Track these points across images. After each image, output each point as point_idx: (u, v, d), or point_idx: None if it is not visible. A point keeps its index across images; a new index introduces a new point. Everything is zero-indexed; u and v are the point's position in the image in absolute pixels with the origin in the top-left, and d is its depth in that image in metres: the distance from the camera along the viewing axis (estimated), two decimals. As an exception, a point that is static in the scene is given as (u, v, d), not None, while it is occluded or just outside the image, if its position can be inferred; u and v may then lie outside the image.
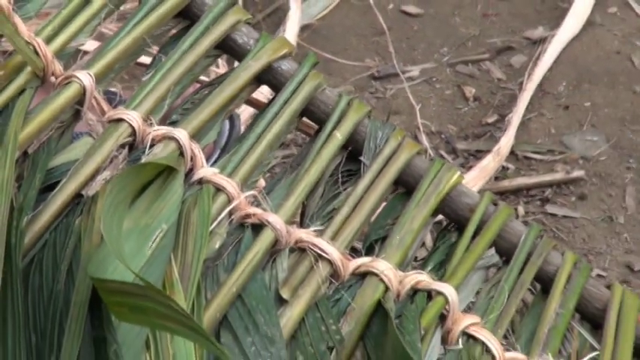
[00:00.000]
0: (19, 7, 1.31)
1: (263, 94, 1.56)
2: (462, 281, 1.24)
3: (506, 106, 2.91)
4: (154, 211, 1.13)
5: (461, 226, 1.31)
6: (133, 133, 1.24)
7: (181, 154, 1.23)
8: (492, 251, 1.30)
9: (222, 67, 2.42)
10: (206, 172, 1.23)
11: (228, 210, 1.20)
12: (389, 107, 2.90)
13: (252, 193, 1.23)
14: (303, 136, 2.42)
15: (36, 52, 1.26)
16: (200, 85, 1.38)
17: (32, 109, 1.23)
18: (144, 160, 1.21)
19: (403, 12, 3.32)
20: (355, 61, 3.12)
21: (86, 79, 1.26)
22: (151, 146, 1.23)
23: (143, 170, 1.16)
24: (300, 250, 1.21)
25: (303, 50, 2.74)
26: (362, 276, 1.20)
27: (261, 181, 1.30)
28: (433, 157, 2.62)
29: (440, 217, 1.35)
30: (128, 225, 1.09)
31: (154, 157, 1.21)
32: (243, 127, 1.48)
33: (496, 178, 2.66)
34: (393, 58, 3.03)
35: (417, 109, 2.87)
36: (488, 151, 2.64)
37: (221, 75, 1.36)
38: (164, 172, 1.18)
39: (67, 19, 1.32)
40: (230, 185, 1.22)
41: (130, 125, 1.24)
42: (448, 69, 3.10)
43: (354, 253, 1.24)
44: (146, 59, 1.42)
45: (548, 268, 1.30)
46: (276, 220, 1.20)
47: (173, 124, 1.28)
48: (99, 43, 1.36)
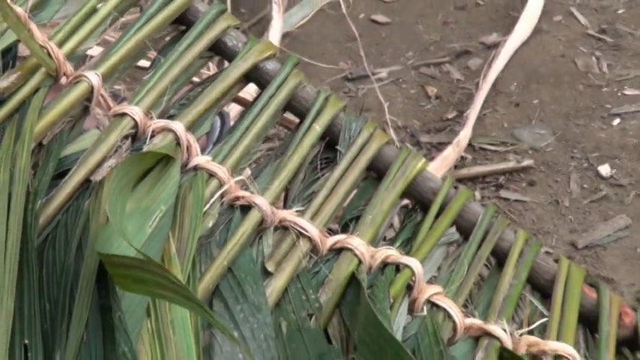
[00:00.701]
0: (34, 14, 1.31)
1: (249, 93, 1.56)
2: (426, 256, 1.24)
3: (465, 103, 2.92)
4: (153, 195, 1.13)
5: (425, 207, 1.31)
6: (136, 125, 1.24)
7: (178, 144, 1.23)
8: (453, 229, 1.30)
9: (212, 70, 2.41)
10: (200, 160, 1.23)
11: (219, 193, 1.20)
12: (361, 105, 2.91)
13: (241, 178, 1.23)
14: (286, 130, 2.42)
15: (49, 55, 1.26)
16: (192, 84, 1.38)
17: (46, 105, 1.23)
18: (145, 149, 1.21)
19: (373, 21, 3.33)
20: (330, 64, 3.12)
21: (94, 78, 1.26)
22: (151, 137, 1.23)
23: (144, 158, 1.16)
24: (283, 228, 1.20)
25: (285, 55, 2.74)
26: (338, 251, 1.20)
27: (247, 170, 1.30)
28: (401, 146, 2.62)
29: (406, 200, 1.35)
30: (131, 206, 1.09)
31: (154, 147, 1.21)
32: (232, 123, 1.48)
33: (456, 167, 2.67)
34: (364, 62, 3.03)
35: (386, 106, 2.88)
36: (449, 143, 2.64)
37: (213, 74, 1.36)
38: (163, 160, 1.18)
39: (77, 25, 1.32)
40: (221, 171, 1.22)
41: (133, 119, 1.24)
42: (413, 71, 3.11)
43: (331, 232, 1.24)
44: (146, 63, 1.42)
45: (502, 245, 1.30)
46: (262, 201, 1.20)
47: (171, 117, 1.28)
48: (103, 49, 1.36)
